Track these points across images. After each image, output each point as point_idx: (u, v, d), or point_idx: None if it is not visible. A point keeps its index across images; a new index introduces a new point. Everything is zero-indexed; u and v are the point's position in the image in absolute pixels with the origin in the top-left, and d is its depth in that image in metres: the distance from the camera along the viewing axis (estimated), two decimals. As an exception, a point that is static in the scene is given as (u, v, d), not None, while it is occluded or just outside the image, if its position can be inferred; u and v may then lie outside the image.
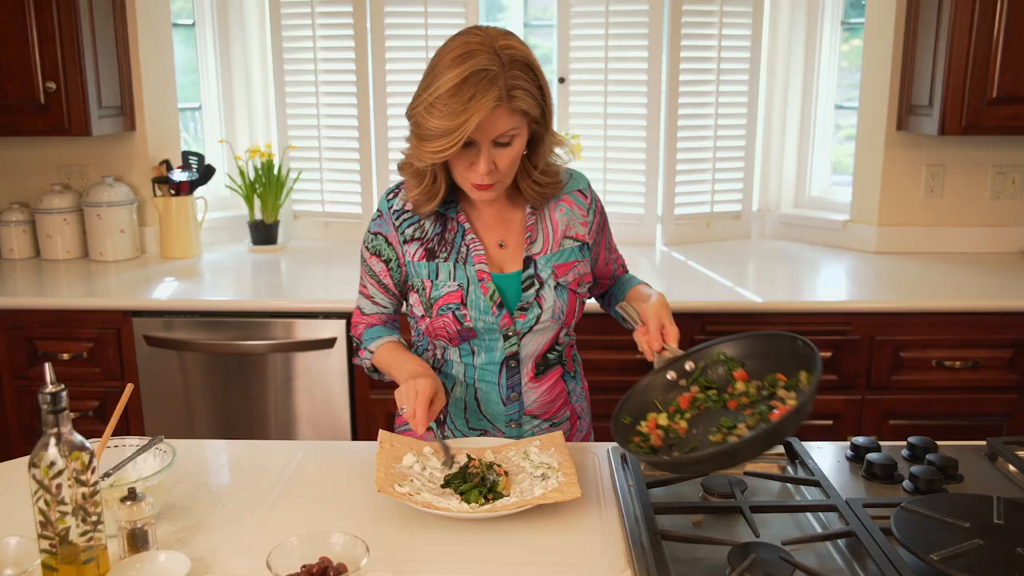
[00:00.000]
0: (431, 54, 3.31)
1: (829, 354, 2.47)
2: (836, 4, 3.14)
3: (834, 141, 3.27)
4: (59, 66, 2.66)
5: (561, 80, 3.14)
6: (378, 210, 1.61)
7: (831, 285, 2.74)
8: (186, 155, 3.03)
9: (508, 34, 1.43)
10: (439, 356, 1.63)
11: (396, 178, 3.42)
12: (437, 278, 1.56)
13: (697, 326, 2.46)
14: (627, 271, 1.80)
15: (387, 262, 1.60)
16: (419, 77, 1.44)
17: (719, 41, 3.04)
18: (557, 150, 1.56)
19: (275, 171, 3.08)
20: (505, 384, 1.59)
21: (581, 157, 3.14)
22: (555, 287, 1.57)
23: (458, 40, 1.41)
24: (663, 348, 1.45)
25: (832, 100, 3.20)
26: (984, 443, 1.55)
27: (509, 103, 1.39)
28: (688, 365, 1.44)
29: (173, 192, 2.97)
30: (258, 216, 3.13)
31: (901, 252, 3.03)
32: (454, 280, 1.55)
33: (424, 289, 1.56)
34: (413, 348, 1.69)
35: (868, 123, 3.00)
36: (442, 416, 1.64)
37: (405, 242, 1.57)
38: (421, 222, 1.57)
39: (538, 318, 1.56)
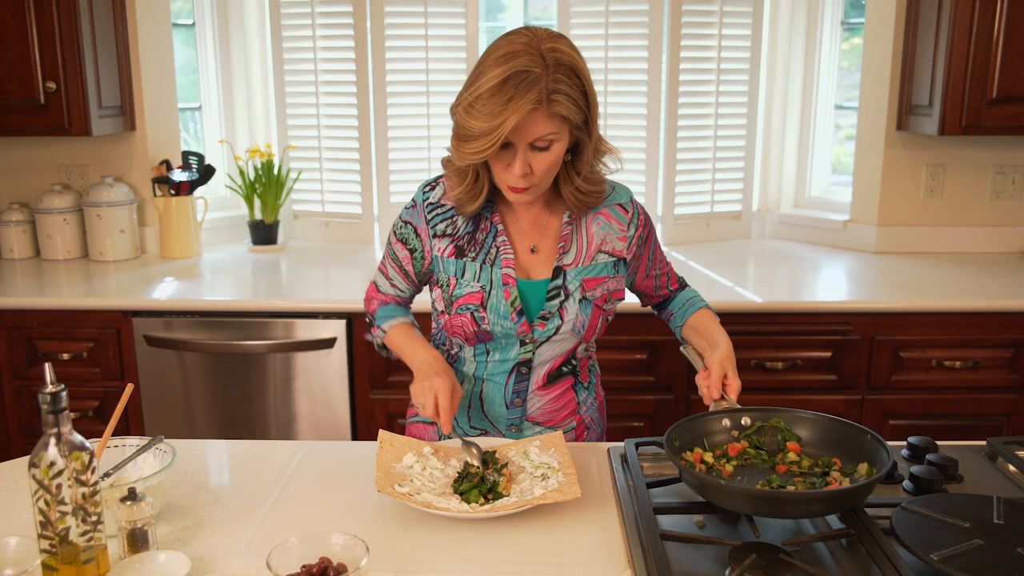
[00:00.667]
0: (431, 54, 3.33)
1: (829, 354, 2.47)
2: (836, 4, 3.14)
3: (834, 141, 3.27)
4: (59, 66, 2.66)
5: (561, 80, 3.14)
6: (412, 200, 1.60)
7: (831, 285, 2.74)
8: (186, 155, 3.03)
9: (558, 37, 1.40)
10: (453, 353, 1.63)
11: (396, 178, 3.43)
12: (462, 277, 1.55)
13: (697, 326, 2.46)
14: (683, 285, 1.76)
15: (412, 251, 1.59)
16: (419, 77, 1.43)
17: (719, 41, 3.04)
18: (605, 158, 1.54)
19: (275, 171, 3.08)
20: (511, 388, 1.59)
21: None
22: (580, 300, 1.55)
23: (505, 39, 1.39)
24: (722, 397, 1.47)
25: (832, 100, 3.20)
26: (984, 443, 1.55)
27: (549, 107, 1.36)
28: (745, 420, 1.43)
29: (173, 192, 2.97)
30: (258, 216, 3.13)
31: (901, 252, 3.03)
32: (478, 281, 1.54)
33: (448, 286, 1.56)
34: (432, 341, 1.69)
35: (868, 123, 3.00)
36: None
37: (435, 236, 1.56)
38: (454, 218, 1.56)
39: (557, 329, 1.54)
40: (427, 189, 1.59)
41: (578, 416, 1.66)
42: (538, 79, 1.34)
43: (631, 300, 2.43)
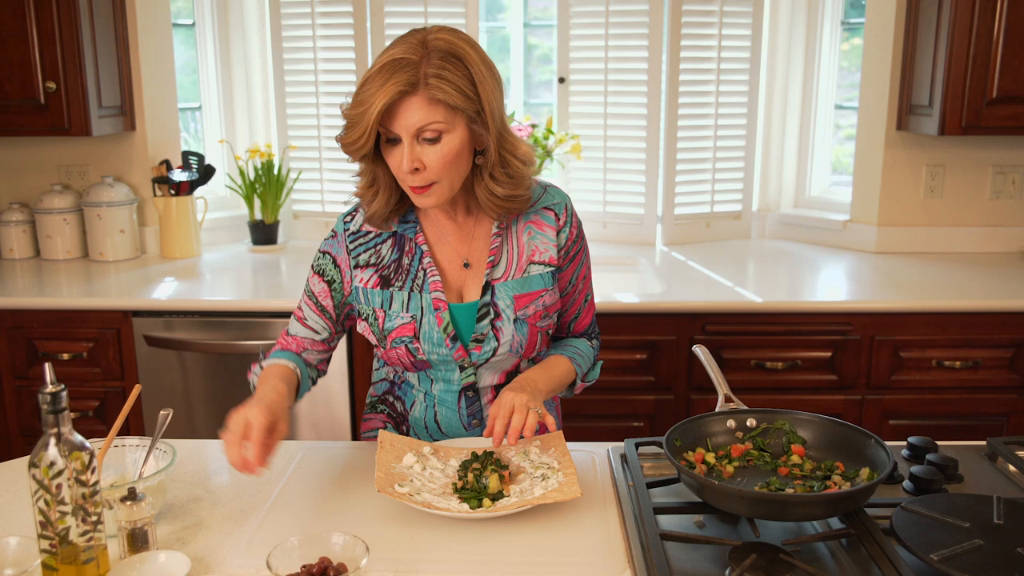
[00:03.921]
0: (431, 54, 3.28)
1: (829, 354, 2.47)
2: (836, 4, 3.14)
3: (834, 141, 3.27)
4: (59, 66, 2.66)
5: (561, 80, 3.14)
6: (333, 230, 1.53)
7: (831, 285, 2.74)
8: (186, 155, 3.03)
9: (448, 29, 1.36)
10: (400, 374, 1.59)
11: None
12: (390, 308, 1.48)
13: (697, 326, 2.46)
14: (589, 338, 1.65)
15: (330, 283, 1.52)
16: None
17: (719, 41, 3.04)
18: (517, 156, 1.42)
19: (275, 171, 3.08)
20: (465, 412, 1.55)
21: (581, 157, 3.15)
22: (514, 320, 1.48)
23: (398, 38, 1.36)
24: (729, 399, 1.46)
25: (832, 100, 3.20)
26: (984, 443, 1.55)
27: (427, 91, 1.30)
28: (750, 422, 1.44)
29: (173, 192, 2.97)
30: (258, 216, 3.13)
31: (901, 252, 3.03)
32: (407, 311, 1.47)
33: (376, 320, 1.49)
34: (378, 367, 1.65)
35: (868, 123, 3.00)
36: (404, 428, 1.60)
37: (357, 267, 1.50)
38: (378, 247, 1.50)
39: (495, 351, 1.48)
40: (347, 219, 1.52)
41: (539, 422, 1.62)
42: (414, 64, 1.30)
43: (630, 299, 2.44)
